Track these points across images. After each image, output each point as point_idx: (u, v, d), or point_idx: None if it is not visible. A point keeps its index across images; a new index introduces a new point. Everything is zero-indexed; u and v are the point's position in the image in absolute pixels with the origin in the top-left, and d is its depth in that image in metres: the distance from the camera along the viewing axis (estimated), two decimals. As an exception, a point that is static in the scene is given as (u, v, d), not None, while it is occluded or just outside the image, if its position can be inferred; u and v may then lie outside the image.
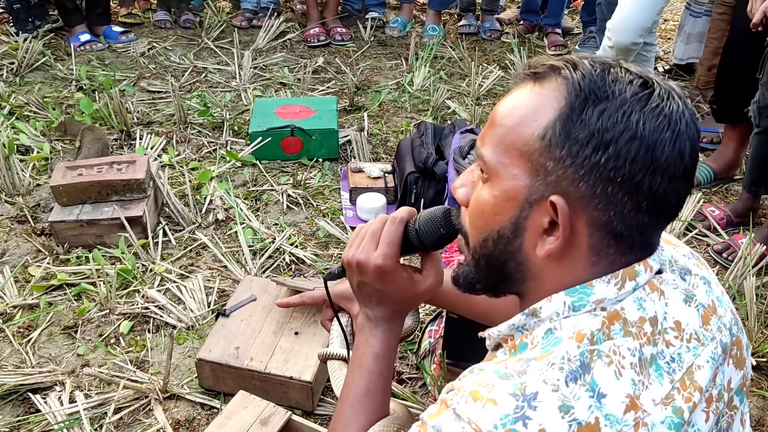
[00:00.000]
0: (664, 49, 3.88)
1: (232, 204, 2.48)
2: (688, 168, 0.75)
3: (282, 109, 2.89)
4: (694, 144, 0.75)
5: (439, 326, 1.77)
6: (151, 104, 3.19)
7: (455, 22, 4.18)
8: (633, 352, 0.74)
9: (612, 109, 0.73)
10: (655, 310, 0.78)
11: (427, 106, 3.20)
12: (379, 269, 0.94)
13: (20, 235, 2.35)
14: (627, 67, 0.77)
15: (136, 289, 2.12)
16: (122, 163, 2.36)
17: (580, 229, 0.76)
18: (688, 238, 2.38)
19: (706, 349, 0.81)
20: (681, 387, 0.77)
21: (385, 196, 2.48)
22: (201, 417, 1.75)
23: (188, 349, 1.93)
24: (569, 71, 0.76)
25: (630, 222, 0.76)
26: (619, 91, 0.74)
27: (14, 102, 3.10)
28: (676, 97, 0.75)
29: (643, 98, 0.74)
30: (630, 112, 0.73)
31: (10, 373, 1.82)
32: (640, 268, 0.78)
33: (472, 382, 0.75)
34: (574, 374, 0.71)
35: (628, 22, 2.55)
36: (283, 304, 1.41)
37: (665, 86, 0.76)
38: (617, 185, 0.73)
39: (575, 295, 0.77)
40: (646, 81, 0.75)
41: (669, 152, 0.73)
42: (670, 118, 0.74)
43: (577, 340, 0.74)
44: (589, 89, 0.74)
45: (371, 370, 1.00)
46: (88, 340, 1.97)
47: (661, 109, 0.74)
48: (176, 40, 3.83)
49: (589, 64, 0.76)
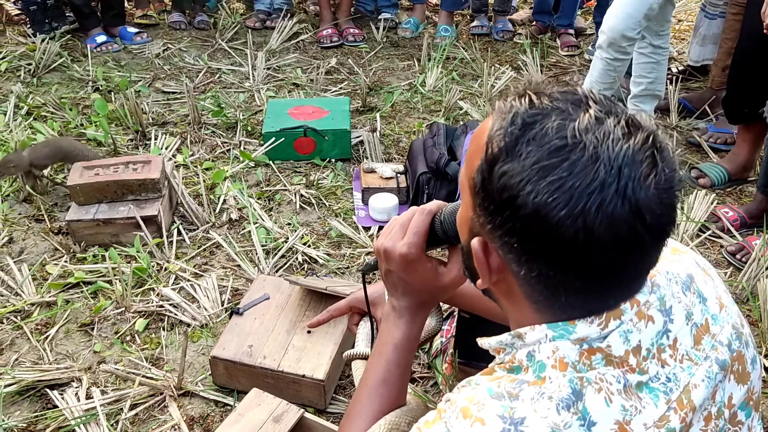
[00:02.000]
0: (678, 50, 3.87)
1: (246, 204, 2.50)
2: (607, 245, 0.68)
3: (295, 109, 2.91)
4: (616, 221, 0.67)
5: (451, 326, 1.78)
6: (165, 105, 3.22)
7: (467, 23, 4.19)
8: (618, 378, 0.75)
9: (513, 172, 0.70)
10: (639, 339, 0.77)
11: (440, 107, 3.21)
12: (404, 257, 0.96)
13: (38, 234, 2.39)
14: (572, 119, 0.70)
15: (151, 287, 2.15)
16: (138, 163, 2.39)
17: (509, 277, 0.77)
18: (702, 239, 2.37)
19: (700, 368, 0.81)
20: (678, 406, 0.77)
21: (397, 196, 2.49)
22: (215, 414, 1.77)
23: (202, 347, 1.95)
24: (497, 119, 0.73)
25: (549, 285, 0.74)
26: (526, 154, 0.69)
27: (32, 102, 3.14)
28: (602, 168, 0.67)
29: (547, 168, 0.68)
30: (527, 180, 0.68)
31: (28, 370, 1.85)
32: (626, 306, 0.76)
33: (465, 397, 0.76)
34: (566, 402, 0.72)
35: (618, 16, 2.59)
36: (314, 324, 1.45)
37: (601, 152, 0.67)
38: (516, 249, 0.73)
39: (557, 331, 0.77)
40: (565, 146, 0.68)
41: (567, 229, 0.68)
42: (572, 193, 0.67)
43: (561, 369, 0.74)
44: (500, 147, 0.71)
45: (390, 359, 1.02)
46: (104, 337, 2.00)
47: (563, 183, 0.67)
48: (191, 41, 3.86)
49: (512, 117, 0.72)
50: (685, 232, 2.37)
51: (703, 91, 3.25)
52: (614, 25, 2.62)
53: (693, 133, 3.00)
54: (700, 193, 2.54)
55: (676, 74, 3.41)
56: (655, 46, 2.79)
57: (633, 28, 2.60)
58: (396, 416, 1.01)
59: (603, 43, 2.67)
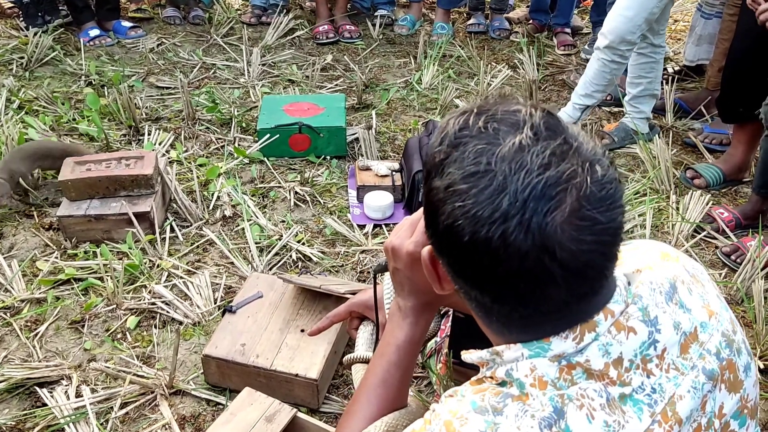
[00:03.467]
0: (674, 50, 3.86)
1: (240, 201, 2.48)
2: (516, 273, 0.69)
3: (290, 106, 2.89)
4: (519, 252, 0.67)
5: (445, 325, 1.77)
6: (159, 100, 3.19)
7: (464, 21, 4.17)
8: (600, 392, 0.74)
9: (435, 191, 0.72)
10: (620, 351, 0.76)
11: (436, 105, 3.19)
12: (411, 255, 0.96)
13: (28, 230, 2.36)
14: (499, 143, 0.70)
15: (143, 284, 2.12)
16: (130, 159, 2.37)
17: (462, 293, 0.79)
18: (696, 240, 2.37)
19: (687, 378, 0.79)
20: (662, 419, 0.76)
21: (392, 194, 2.47)
22: (206, 413, 1.75)
23: (194, 345, 1.94)
24: (437, 134, 0.76)
25: (478, 304, 0.76)
26: (446, 176, 0.71)
27: (24, 96, 3.11)
28: (506, 199, 0.67)
29: (457, 193, 0.69)
30: (442, 202, 0.71)
31: (17, 367, 1.83)
32: (599, 317, 0.75)
33: (449, 410, 0.76)
34: (548, 421, 0.72)
35: (619, 19, 2.59)
36: (315, 332, 1.43)
37: (510, 181, 0.67)
38: (446, 264, 0.76)
39: (533, 349, 0.76)
40: (476, 172, 0.69)
41: (472, 255, 0.69)
42: (476, 220, 0.68)
43: (540, 387, 0.74)
44: (431, 165, 0.75)
45: (391, 360, 1.01)
46: (95, 334, 1.97)
47: (467, 210, 0.68)
48: (185, 36, 3.83)
49: (442, 138, 0.74)
50: (680, 233, 2.37)
51: (699, 91, 3.25)
52: (614, 28, 2.61)
53: (689, 134, 3.00)
54: (695, 194, 2.53)
55: (672, 74, 3.41)
56: (655, 45, 2.78)
57: (633, 32, 2.59)
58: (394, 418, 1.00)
59: (601, 44, 2.66)
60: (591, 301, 0.75)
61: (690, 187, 2.65)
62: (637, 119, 2.89)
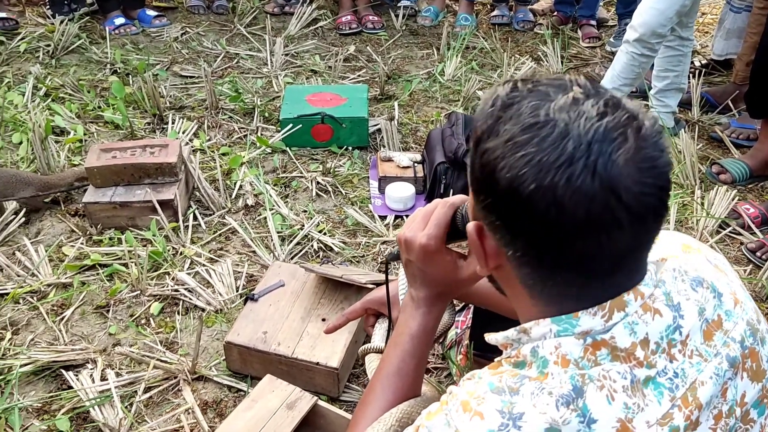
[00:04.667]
0: (702, 43, 3.80)
1: (262, 190, 2.49)
2: (581, 222, 0.69)
3: (313, 96, 2.89)
4: (586, 196, 0.68)
5: (466, 317, 1.77)
6: (183, 89, 3.21)
7: (488, 13, 4.14)
8: (624, 375, 0.74)
9: (491, 149, 0.72)
10: (646, 332, 0.76)
11: (458, 97, 3.18)
12: (423, 248, 0.97)
13: (55, 216, 2.39)
14: (550, 100, 0.71)
15: (166, 271, 2.15)
16: (155, 147, 2.39)
17: (505, 264, 0.79)
18: (722, 235, 2.34)
19: (710, 365, 0.80)
20: (683, 404, 0.76)
21: (414, 185, 2.47)
22: (228, 399, 1.77)
23: (216, 332, 1.96)
24: (483, 102, 0.77)
25: (533, 267, 0.76)
26: (503, 133, 0.72)
27: (50, 84, 3.15)
28: (571, 143, 0.68)
29: (518, 144, 0.70)
30: (502, 156, 0.71)
31: (44, 350, 1.86)
32: (629, 297, 0.76)
33: (466, 391, 0.77)
34: (566, 398, 0.72)
35: (650, 12, 2.55)
36: (331, 329, 1.45)
37: (572, 128, 0.69)
38: (502, 228, 0.75)
39: (561, 325, 0.77)
40: (536, 123, 0.70)
41: (537, 204, 0.69)
42: (540, 167, 0.68)
43: (563, 365, 0.75)
44: (484, 127, 0.74)
45: (405, 350, 1.02)
46: (120, 319, 2.00)
47: (531, 158, 0.69)
48: (209, 25, 3.85)
49: (493, 100, 0.75)
50: (705, 229, 2.34)
51: (726, 85, 3.20)
52: (645, 21, 2.56)
53: (715, 128, 2.95)
54: (720, 189, 2.50)
55: (699, 68, 3.36)
56: (683, 38, 2.74)
57: (664, 25, 2.55)
58: (409, 406, 1.01)
59: (631, 37, 2.62)
60: (633, 271, 0.77)
61: (715, 182, 2.61)
62: (662, 113, 2.85)
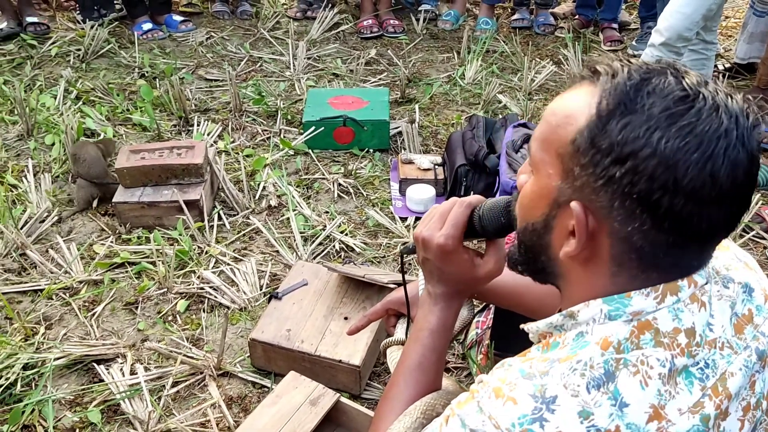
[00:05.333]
0: (725, 47, 3.78)
1: (285, 191, 2.54)
2: (724, 192, 0.71)
3: (335, 99, 2.94)
4: (737, 166, 0.71)
5: (487, 317, 1.80)
6: (208, 92, 3.28)
7: (508, 16, 4.16)
8: (663, 362, 0.75)
9: (636, 123, 0.71)
10: (692, 321, 0.77)
11: (479, 100, 3.20)
12: (441, 248, 0.98)
13: (86, 215, 2.47)
14: (682, 77, 0.74)
15: (192, 269, 2.20)
16: (182, 148, 2.45)
17: (602, 238, 0.77)
18: (745, 240, 2.34)
19: (739, 357, 0.81)
20: (713, 393, 0.77)
21: (434, 188, 2.50)
22: (252, 395, 1.81)
23: (241, 330, 2.00)
24: (607, 78, 0.75)
25: (652, 240, 0.74)
26: (649, 105, 0.71)
27: (81, 87, 3.23)
28: (724, 115, 0.71)
29: (675, 115, 0.71)
30: (654, 128, 0.71)
31: (76, 344, 1.93)
32: (683, 283, 0.77)
33: (497, 378, 0.77)
34: (597, 381, 0.73)
35: (675, 16, 2.55)
36: (353, 330, 1.43)
37: (719, 102, 0.72)
38: (634, 201, 0.72)
39: (612, 304, 0.77)
40: (687, 95, 0.72)
41: (695, 174, 0.70)
42: (703, 138, 0.70)
43: (603, 347, 0.75)
44: (618, 101, 0.73)
45: (426, 344, 1.03)
46: (148, 316, 2.06)
47: (693, 128, 0.70)
48: (233, 30, 3.92)
49: (627, 73, 0.74)
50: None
51: (750, 89, 3.19)
52: (671, 25, 2.55)
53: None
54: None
55: (722, 72, 3.35)
56: (707, 42, 2.74)
57: (690, 29, 2.55)
58: (432, 398, 1.03)
59: (656, 41, 2.61)
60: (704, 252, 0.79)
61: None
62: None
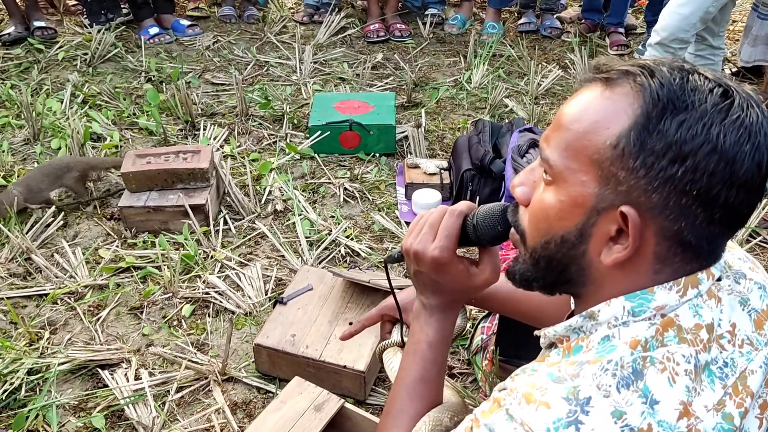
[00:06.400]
0: (732, 51, 3.77)
1: (291, 195, 2.54)
2: (764, 179, 0.74)
3: (341, 103, 2.93)
4: None
5: (492, 323, 1.79)
6: (214, 96, 3.28)
7: (515, 20, 4.15)
8: (688, 359, 0.74)
9: (692, 120, 0.71)
10: (712, 317, 0.77)
11: (485, 104, 3.20)
12: (436, 261, 0.95)
13: (91, 219, 2.47)
14: (705, 73, 0.75)
15: (197, 274, 2.20)
16: (188, 153, 2.45)
17: (648, 237, 0.75)
18: (751, 245, 2.32)
19: (760, 354, 0.80)
20: (733, 392, 0.77)
21: (440, 192, 2.49)
22: (257, 400, 1.81)
23: (246, 335, 2.00)
24: (645, 78, 0.74)
25: (701, 233, 0.75)
26: (699, 101, 0.72)
27: (87, 91, 3.24)
28: (755, 107, 0.74)
29: (724, 109, 0.72)
30: (710, 123, 0.71)
31: (81, 349, 1.93)
32: (702, 276, 0.77)
33: (525, 383, 0.76)
34: (626, 381, 0.72)
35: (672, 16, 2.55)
36: (346, 336, 1.41)
37: (744, 94, 0.74)
38: (692, 198, 0.72)
39: (635, 301, 0.77)
40: (726, 90, 0.73)
41: (749, 165, 0.72)
42: (750, 129, 0.72)
43: (631, 346, 0.74)
44: (667, 99, 0.72)
45: (426, 357, 1.01)
46: (153, 321, 2.06)
47: (742, 120, 0.72)
48: (240, 34, 3.93)
49: (667, 71, 0.74)
50: (734, 238, 2.32)
51: (758, 93, 3.17)
52: (667, 25, 2.57)
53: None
54: (751, 199, 2.48)
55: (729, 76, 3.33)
56: (714, 47, 2.73)
57: (687, 30, 2.55)
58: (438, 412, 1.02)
59: (653, 41, 2.63)
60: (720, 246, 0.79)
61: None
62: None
